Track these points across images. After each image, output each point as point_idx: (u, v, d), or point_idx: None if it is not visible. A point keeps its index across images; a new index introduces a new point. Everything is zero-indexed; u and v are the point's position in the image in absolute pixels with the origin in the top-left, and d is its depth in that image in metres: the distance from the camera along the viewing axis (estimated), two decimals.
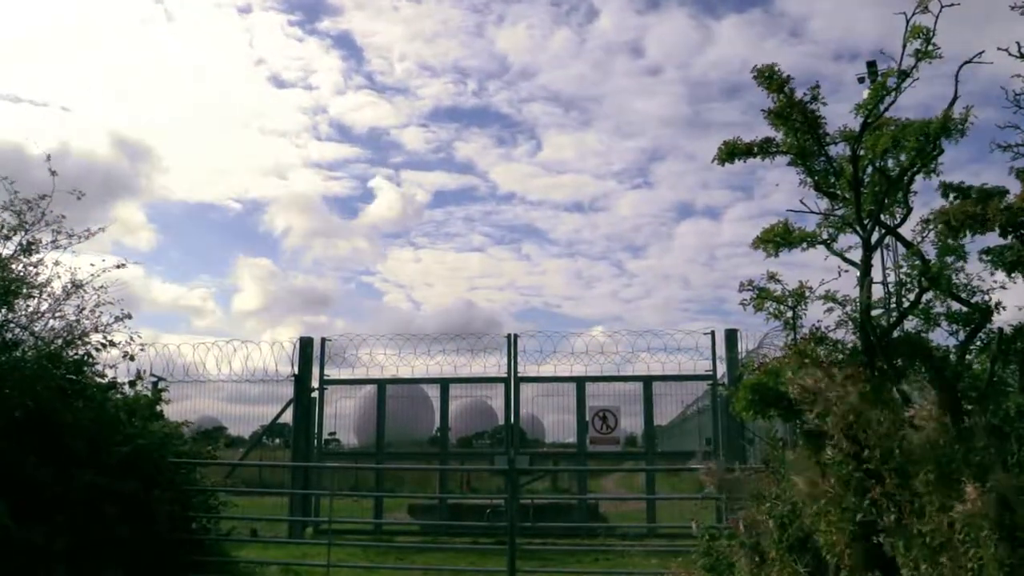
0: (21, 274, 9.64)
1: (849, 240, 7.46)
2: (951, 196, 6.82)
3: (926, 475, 4.31)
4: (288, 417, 16.17)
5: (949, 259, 6.90)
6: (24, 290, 9.59)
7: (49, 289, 9.89)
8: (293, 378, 15.98)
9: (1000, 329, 6.82)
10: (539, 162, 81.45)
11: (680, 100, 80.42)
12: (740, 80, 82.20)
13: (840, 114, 7.20)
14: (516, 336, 15.75)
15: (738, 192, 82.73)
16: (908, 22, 6.28)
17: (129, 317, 10.27)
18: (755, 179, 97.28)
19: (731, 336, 14.97)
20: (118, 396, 10.69)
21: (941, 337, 7.22)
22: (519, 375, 15.71)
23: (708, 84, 78.09)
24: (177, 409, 14.23)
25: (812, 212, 7.56)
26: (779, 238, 7.47)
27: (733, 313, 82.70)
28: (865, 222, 6.98)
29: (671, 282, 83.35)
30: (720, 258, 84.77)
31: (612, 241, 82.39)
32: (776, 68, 6.92)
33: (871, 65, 14.49)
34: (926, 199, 7.31)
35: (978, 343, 7.02)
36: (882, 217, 7.18)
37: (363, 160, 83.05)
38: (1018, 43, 6.25)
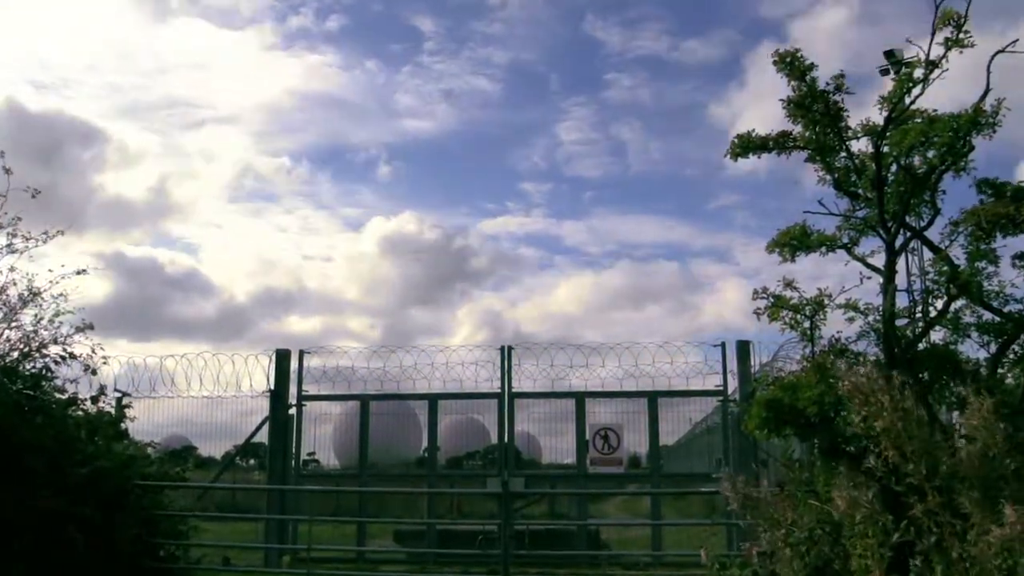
0: None
1: (871, 244, 7.43)
2: (989, 192, 6.76)
3: (971, 492, 4.23)
4: (263, 436, 16.01)
5: (980, 264, 6.86)
6: None
7: (4, 297, 9.79)
8: (269, 393, 15.83)
9: None
10: None
11: None
12: None
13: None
14: (510, 348, 15.67)
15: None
16: (937, 7, 6.23)
17: (91, 327, 10.17)
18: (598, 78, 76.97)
19: (743, 348, 14.90)
20: (79, 413, 10.56)
21: (971, 349, 7.18)
22: (514, 390, 15.60)
23: None
24: (143, 427, 14.10)
25: (831, 213, 7.52)
26: (796, 241, 7.43)
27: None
28: (889, 224, 6.93)
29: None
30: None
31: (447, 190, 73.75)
32: (799, 54, 6.84)
33: (889, 54, 14.49)
34: (955, 200, 7.25)
35: (1011, 356, 6.97)
36: (907, 219, 7.14)
37: None
38: None
